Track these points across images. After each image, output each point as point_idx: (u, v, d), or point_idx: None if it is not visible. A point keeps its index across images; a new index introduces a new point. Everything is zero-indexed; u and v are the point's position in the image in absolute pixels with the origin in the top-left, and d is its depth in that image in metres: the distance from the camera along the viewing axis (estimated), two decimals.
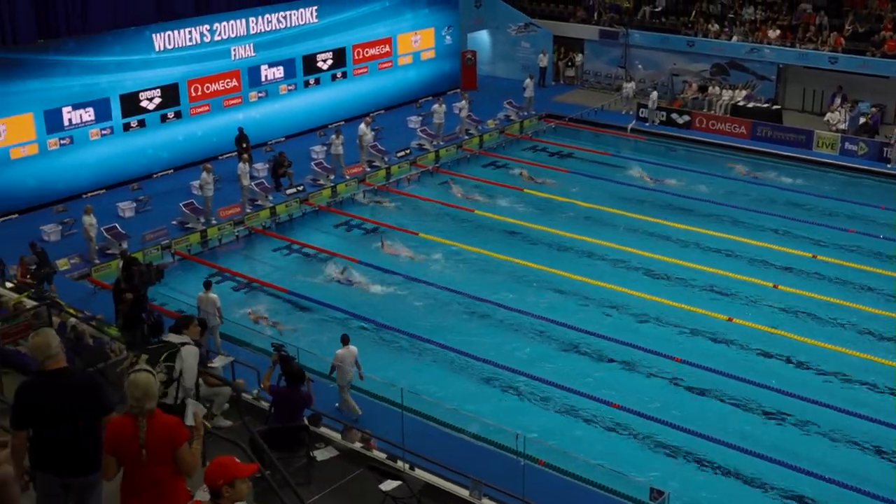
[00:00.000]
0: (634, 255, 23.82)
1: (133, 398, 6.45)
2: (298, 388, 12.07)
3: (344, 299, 21.55)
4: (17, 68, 24.52)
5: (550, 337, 20.07)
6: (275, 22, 30.80)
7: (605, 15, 39.03)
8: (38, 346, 6.88)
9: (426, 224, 25.99)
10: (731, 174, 29.98)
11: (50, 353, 6.86)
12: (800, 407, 17.45)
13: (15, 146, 24.76)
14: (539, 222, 25.88)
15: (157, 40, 27.56)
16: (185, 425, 6.98)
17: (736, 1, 37.42)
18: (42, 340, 6.90)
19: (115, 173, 27.06)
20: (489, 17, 39.90)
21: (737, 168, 30.66)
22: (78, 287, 21.33)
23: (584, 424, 17.09)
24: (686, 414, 17.23)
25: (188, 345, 9.31)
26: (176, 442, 6.54)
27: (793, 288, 22.11)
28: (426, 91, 36.73)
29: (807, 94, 35.16)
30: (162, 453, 6.49)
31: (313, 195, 27.15)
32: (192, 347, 9.32)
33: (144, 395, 6.44)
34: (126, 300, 14.84)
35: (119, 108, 26.99)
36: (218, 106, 29.64)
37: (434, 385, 18.03)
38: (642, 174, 29.66)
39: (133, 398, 6.45)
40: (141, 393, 6.43)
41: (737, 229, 25.51)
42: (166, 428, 6.53)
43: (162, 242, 23.47)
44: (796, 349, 19.51)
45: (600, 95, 37.28)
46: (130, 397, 6.45)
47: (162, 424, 6.52)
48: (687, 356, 19.04)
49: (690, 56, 36.51)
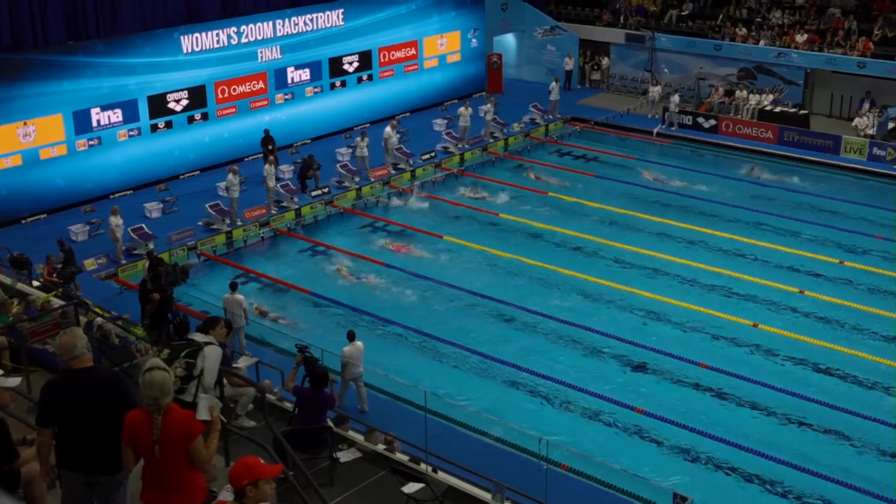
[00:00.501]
0: (659, 259, 23.74)
1: (149, 396, 6.53)
2: (322, 389, 12.12)
3: (367, 301, 21.59)
4: (47, 70, 24.76)
5: (574, 340, 20.02)
6: (301, 24, 30.93)
7: (632, 18, 38.93)
8: (65, 345, 6.94)
9: (450, 227, 26.01)
10: (760, 179, 29.79)
11: (76, 353, 6.92)
12: (825, 414, 17.33)
13: (44, 146, 25.00)
14: (564, 226, 25.83)
15: (184, 42, 27.75)
16: (199, 419, 7.05)
17: (764, 5, 37.23)
18: (69, 339, 6.97)
19: (143, 174, 27.27)
20: (515, 20, 39.88)
21: (744, 169, 30.68)
22: (104, 287, 21.50)
23: (607, 429, 17.03)
24: (710, 419, 17.16)
25: (211, 344, 9.35)
26: (190, 436, 6.61)
27: (820, 294, 21.96)
28: (451, 94, 36.77)
29: (834, 98, 34.91)
30: (176, 447, 6.57)
31: (338, 197, 27.24)
32: (216, 347, 9.34)
33: (161, 393, 6.53)
34: (153, 300, 14.95)
35: (147, 109, 27.19)
36: (244, 108, 29.80)
37: (457, 388, 18.04)
38: (665, 178, 29.56)
39: (149, 396, 6.53)
40: (157, 391, 6.51)
41: (763, 234, 25.37)
42: (181, 422, 6.60)
43: (188, 243, 23.62)
44: (822, 355, 19.36)
45: (626, 99, 37.18)
46: (147, 395, 6.54)
47: (177, 419, 6.59)
48: (712, 361, 18.95)
49: (717, 60, 36.34)
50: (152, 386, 6.51)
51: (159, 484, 6.64)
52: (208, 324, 9.98)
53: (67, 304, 14.93)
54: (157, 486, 6.65)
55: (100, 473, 6.96)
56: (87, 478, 6.95)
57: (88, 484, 6.97)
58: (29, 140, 24.63)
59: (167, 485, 6.63)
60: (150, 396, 6.51)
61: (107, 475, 6.97)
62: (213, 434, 7.22)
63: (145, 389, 6.53)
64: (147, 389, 6.52)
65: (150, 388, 6.51)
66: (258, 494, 6.08)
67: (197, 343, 9.19)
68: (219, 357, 9.29)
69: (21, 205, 24.72)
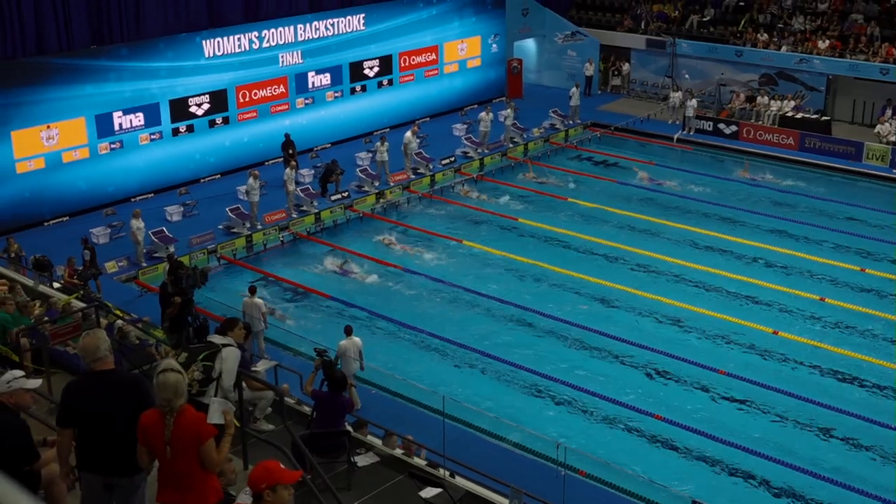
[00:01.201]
0: (679, 265, 23.67)
1: (163, 398, 6.59)
2: (340, 393, 12.13)
3: (384, 305, 21.62)
4: (71, 74, 24.97)
5: (594, 347, 19.98)
6: (322, 29, 31.05)
7: (653, 24, 38.86)
8: (87, 347, 6.99)
9: (469, 231, 26.04)
10: (780, 185, 29.66)
11: (98, 355, 6.96)
12: (844, 422, 17.23)
13: (67, 150, 25.20)
14: (583, 231, 25.80)
15: (206, 47, 27.91)
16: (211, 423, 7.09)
17: (785, 11, 37.07)
18: (91, 342, 7.02)
19: (164, 177, 27.43)
20: (536, 25, 39.88)
21: (739, 171, 30.84)
22: (125, 289, 21.64)
23: (626, 435, 16.99)
24: (729, 426, 17.09)
25: (230, 346, 9.36)
26: (200, 438, 6.65)
27: (841, 301, 21.84)
28: (472, 99, 36.80)
29: (857, 105, 34.74)
30: (187, 448, 6.62)
31: (358, 201, 27.31)
32: (234, 349, 9.34)
33: (174, 395, 6.59)
34: (174, 303, 15.02)
35: (168, 113, 27.37)
36: (265, 112, 29.93)
37: (475, 393, 18.04)
38: (683, 184, 29.52)
39: (163, 398, 6.59)
40: (171, 393, 6.58)
41: (784, 241, 25.25)
42: (192, 424, 6.65)
43: (208, 247, 23.74)
44: (843, 363, 19.27)
45: (646, 105, 37.10)
46: (160, 397, 6.59)
47: (188, 421, 6.64)
48: (731, 368, 18.88)
49: (738, 66, 36.23)
50: (166, 387, 6.57)
51: (172, 485, 6.71)
52: (227, 325, 9.97)
53: (88, 306, 15.03)
54: (171, 487, 6.73)
55: (119, 475, 6.99)
56: (105, 480, 7.00)
57: (107, 486, 7.01)
58: (52, 143, 24.83)
59: (180, 486, 6.69)
60: (164, 398, 6.58)
61: (126, 477, 7.01)
62: (226, 438, 7.25)
63: (159, 391, 6.60)
64: (160, 391, 6.58)
65: (163, 390, 6.57)
66: (276, 499, 6.10)
67: (215, 345, 9.21)
68: (237, 359, 9.29)
69: (43, 207, 24.92)
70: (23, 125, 24.20)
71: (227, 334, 9.69)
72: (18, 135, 24.14)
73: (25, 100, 24.12)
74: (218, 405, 7.97)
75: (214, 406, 7.94)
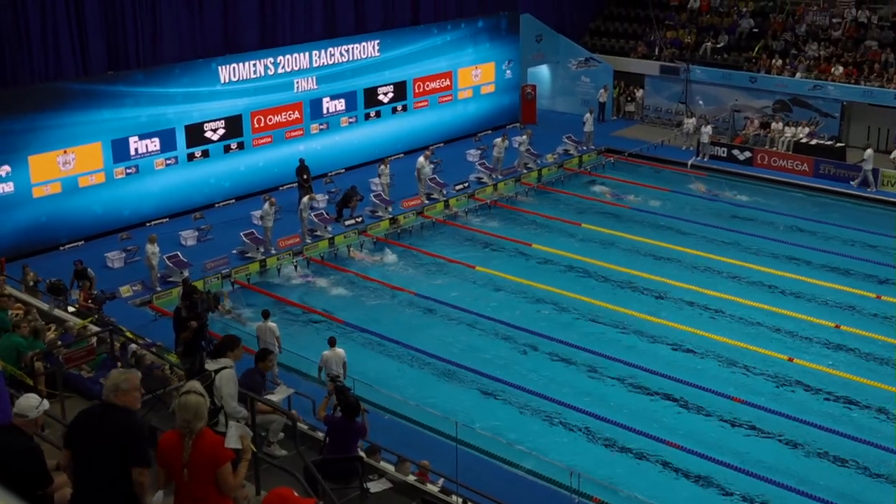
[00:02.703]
0: (693, 291, 23.58)
1: (182, 419, 6.57)
2: (354, 419, 12.11)
3: (396, 330, 21.61)
4: (88, 99, 25.15)
5: (603, 373, 19.88)
6: (337, 55, 31.23)
7: (667, 50, 38.94)
8: (111, 380, 6.84)
9: (483, 257, 26.04)
10: (793, 211, 29.59)
11: (118, 388, 6.80)
12: (861, 451, 17.09)
13: (83, 174, 25.35)
14: (596, 257, 25.74)
15: (222, 72, 28.11)
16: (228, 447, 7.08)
17: (800, 37, 37.11)
18: (118, 376, 6.83)
19: (179, 202, 27.56)
20: (550, 51, 40.02)
21: (695, 185, 31.29)
22: (139, 313, 21.68)
23: (639, 462, 16.89)
24: (744, 454, 16.97)
25: (224, 370, 9.31)
26: (218, 462, 6.64)
27: (856, 328, 21.71)
28: (486, 125, 36.90)
29: (871, 131, 34.66)
30: (204, 472, 6.60)
31: (371, 226, 27.36)
32: (228, 372, 9.27)
33: (195, 417, 6.58)
34: (190, 328, 15.05)
35: (184, 138, 27.53)
36: (280, 137, 30.08)
37: (487, 418, 17.97)
38: (697, 210, 29.49)
39: (182, 419, 6.57)
40: (191, 415, 6.57)
41: (798, 267, 25.16)
42: (210, 447, 6.64)
43: (222, 271, 23.80)
44: (858, 391, 19.12)
45: (660, 131, 37.11)
46: (180, 419, 6.57)
47: (207, 444, 6.63)
48: (746, 395, 18.76)
49: (753, 92, 36.25)
50: (187, 409, 6.55)
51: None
52: (226, 345, 9.76)
53: (103, 330, 15.07)
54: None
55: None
56: None
57: None
58: (68, 168, 24.99)
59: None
60: (183, 419, 6.55)
61: None
62: (243, 462, 7.23)
63: (179, 412, 6.58)
64: (181, 412, 6.56)
65: (183, 411, 6.55)
66: None
67: (209, 375, 9.19)
68: (232, 380, 9.22)
69: (59, 231, 25.05)
70: (40, 150, 24.37)
71: (225, 355, 9.60)
72: (35, 159, 24.31)
73: (42, 125, 24.30)
74: (235, 430, 7.97)
75: (232, 431, 7.95)
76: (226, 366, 9.35)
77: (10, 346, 12.69)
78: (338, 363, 17.06)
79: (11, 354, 12.54)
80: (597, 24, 43.24)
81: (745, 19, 38.99)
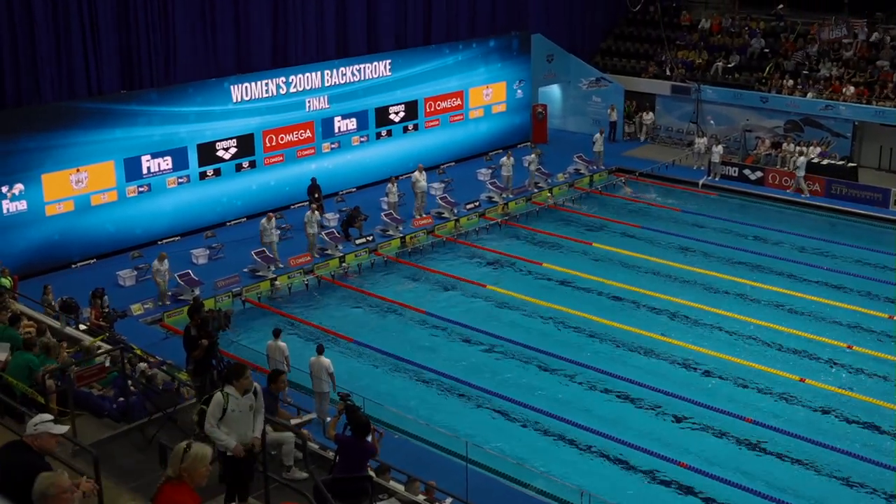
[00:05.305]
0: (704, 311, 23.53)
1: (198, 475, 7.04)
2: (363, 438, 12.09)
3: (406, 348, 21.60)
4: (101, 118, 25.32)
5: (613, 392, 19.83)
6: (349, 75, 31.36)
7: (677, 70, 38.98)
8: (39, 486, 6.63)
9: (493, 275, 26.04)
10: (802, 230, 29.51)
11: (46, 495, 6.60)
12: (873, 472, 16.98)
13: (96, 193, 25.49)
14: (607, 276, 25.71)
15: (234, 92, 28.26)
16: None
17: (811, 58, 37.11)
18: (45, 482, 6.66)
19: (191, 221, 27.67)
20: (561, 71, 40.10)
21: (625, 189, 32.33)
22: (150, 331, 21.73)
23: (650, 482, 16.82)
24: (756, 474, 16.89)
25: (215, 394, 9.67)
26: None
27: (868, 349, 21.61)
28: (497, 144, 36.92)
29: (883, 151, 34.58)
30: None
31: (383, 245, 27.40)
32: (215, 396, 9.55)
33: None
34: (201, 346, 15.08)
35: (196, 157, 27.66)
36: (291, 156, 30.19)
37: (496, 437, 17.93)
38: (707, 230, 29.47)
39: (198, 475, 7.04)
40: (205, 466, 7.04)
41: (810, 287, 25.06)
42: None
43: (233, 290, 23.84)
44: (870, 412, 19.02)
45: (671, 150, 37.12)
46: (196, 473, 7.00)
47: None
48: (757, 416, 18.69)
49: (764, 112, 36.23)
50: (203, 459, 7.09)
51: None
52: (232, 374, 9.75)
53: (114, 348, 15.10)
54: None
55: None
56: None
57: None
58: (81, 186, 25.13)
59: None
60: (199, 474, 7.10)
61: None
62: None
63: (196, 463, 7.09)
64: (200, 462, 7.11)
65: (200, 463, 7.10)
66: None
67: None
68: (215, 403, 9.39)
69: (72, 249, 25.16)
70: (53, 168, 24.52)
71: (232, 383, 9.56)
72: (48, 178, 24.46)
73: (55, 143, 24.46)
74: None
75: None
76: (220, 391, 9.57)
77: (23, 363, 12.71)
78: (322, 371, 17.55)
79: (24, 372, 12.56)
80: (608, 44, 43.34)
81: (756, 39, 39.02)
